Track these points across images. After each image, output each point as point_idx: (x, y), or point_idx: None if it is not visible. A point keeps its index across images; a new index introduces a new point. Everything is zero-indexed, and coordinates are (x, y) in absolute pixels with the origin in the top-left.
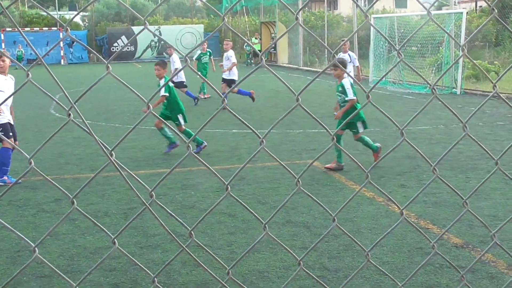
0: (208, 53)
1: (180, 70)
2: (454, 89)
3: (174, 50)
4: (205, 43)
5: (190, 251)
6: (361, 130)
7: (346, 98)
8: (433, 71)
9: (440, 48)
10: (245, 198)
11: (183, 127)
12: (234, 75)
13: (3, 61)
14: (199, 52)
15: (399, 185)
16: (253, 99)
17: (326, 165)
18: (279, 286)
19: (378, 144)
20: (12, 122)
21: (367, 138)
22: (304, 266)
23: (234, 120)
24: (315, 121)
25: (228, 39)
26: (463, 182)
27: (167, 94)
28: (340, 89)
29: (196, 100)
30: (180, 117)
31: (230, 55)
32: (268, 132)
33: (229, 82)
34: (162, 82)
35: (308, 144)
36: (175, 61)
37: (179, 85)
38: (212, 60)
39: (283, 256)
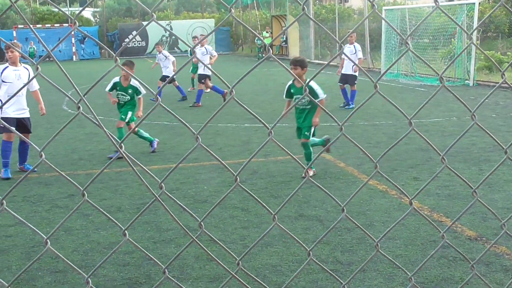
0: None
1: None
2: (467, 81)
3: (163, 47)
4: (197, 40)
5: (204, 246)
6: (310, 133)
7: (319, 99)
8: (446, 63)
9: (452, 39)
10: (258, 192)
11: (122, 125)
12: (208, 70)
13: (12, 52)
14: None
15: (411, 178)
16: (224, 99)
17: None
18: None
19: (325, 136)
20: (24, 116)
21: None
22: (317, 260)
23: (246, 115)
24: (326, 114)
25: (202, 34)
26: (476, 174)
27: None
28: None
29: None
30: (129, 114)
31: (211, 49)
32: (277, 122)
33: (203, 78)
34: (132, 82)
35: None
36: (168, 56)
37: (164, 79)
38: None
39: (296, 250)
